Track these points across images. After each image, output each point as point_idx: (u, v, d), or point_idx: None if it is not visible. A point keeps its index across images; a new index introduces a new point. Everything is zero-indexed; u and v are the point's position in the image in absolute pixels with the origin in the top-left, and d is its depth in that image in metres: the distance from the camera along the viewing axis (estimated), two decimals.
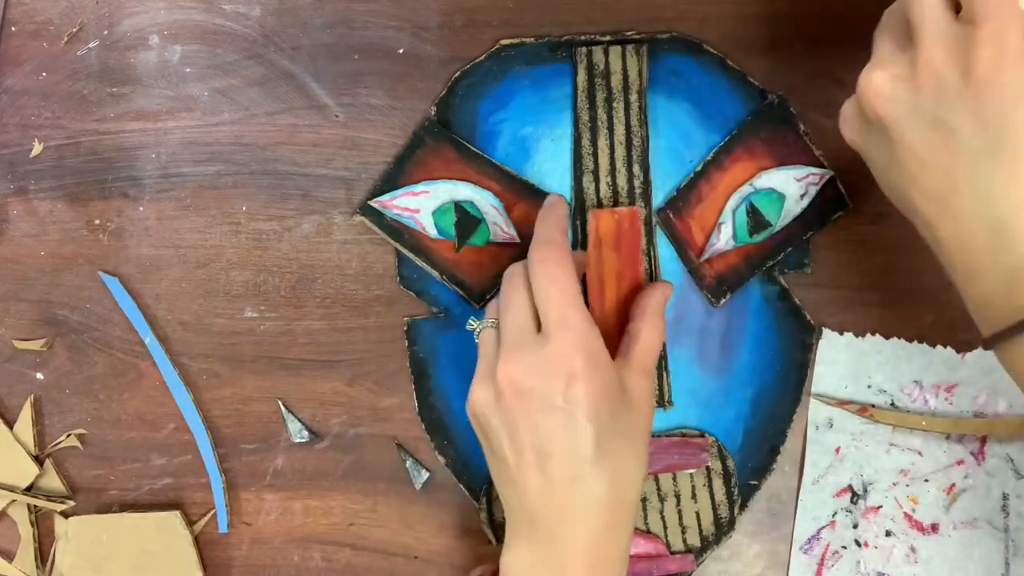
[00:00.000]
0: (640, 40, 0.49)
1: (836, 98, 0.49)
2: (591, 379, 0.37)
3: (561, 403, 0.37)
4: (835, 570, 0.49)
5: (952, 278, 0.38)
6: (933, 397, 0.49)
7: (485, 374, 0.40)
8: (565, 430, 0.38)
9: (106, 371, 0.51)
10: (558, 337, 0.38)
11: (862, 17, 0.50)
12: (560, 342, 0.38)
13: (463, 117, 0.50)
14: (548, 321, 0.38)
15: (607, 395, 0.38)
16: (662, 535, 0.49)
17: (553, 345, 0.38)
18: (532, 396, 0.38)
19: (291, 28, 0.51)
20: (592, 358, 0.38)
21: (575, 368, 0.37)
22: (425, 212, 0.49)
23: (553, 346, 0.38)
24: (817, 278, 0.50)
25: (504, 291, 0.41)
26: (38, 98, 0.51)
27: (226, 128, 0.51)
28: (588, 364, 0.37)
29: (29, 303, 0.51)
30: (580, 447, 0.38)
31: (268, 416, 0.51)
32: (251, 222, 0.51)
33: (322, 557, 0.51)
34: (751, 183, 0.48)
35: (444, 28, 0.50)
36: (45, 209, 0.51)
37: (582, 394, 0.37)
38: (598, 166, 0.49)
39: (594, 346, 0.38)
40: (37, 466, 0.51)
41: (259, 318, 0.51)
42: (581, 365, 0.37)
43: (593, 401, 0.37)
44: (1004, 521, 0.49)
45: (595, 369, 0.38)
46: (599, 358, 0.38)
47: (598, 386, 0.38)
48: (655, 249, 0.49)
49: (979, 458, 0.49)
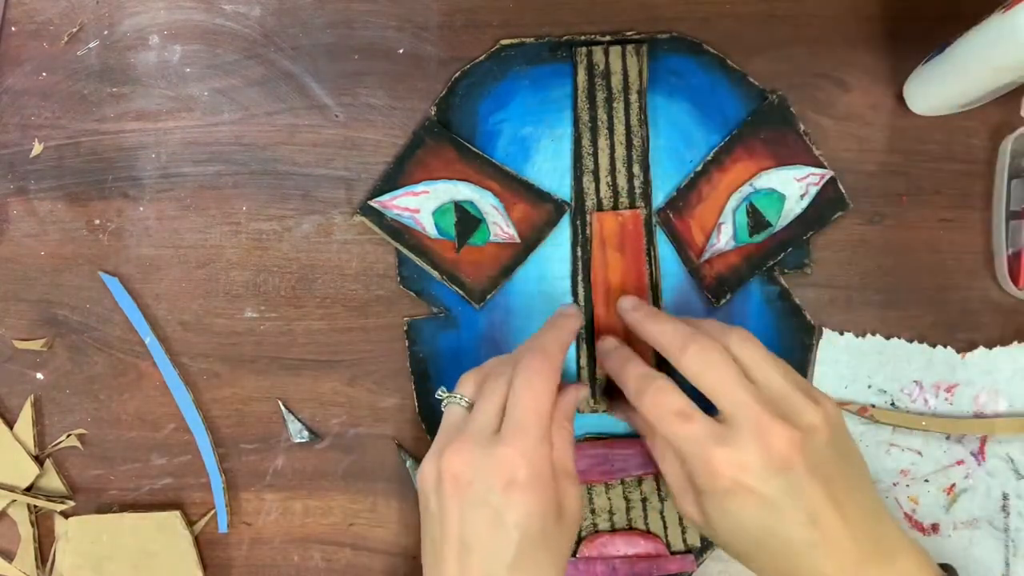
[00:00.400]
0: (640, 40, 0.49)
1: (836, 98, 0.50)
2: (528, 491, 0.38)
3: (495, 504, 0.38)
4: None
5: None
6: (933, 397, 0.49)
7: (436, 446, 0.41)
8: (491, 530, 0.38)
9: (106, 371, 0.51)
10: (510, 442, 0.38)
11: (862, 17, 0.50)
12: (510, 447, 0.38)
13: (463, 117, 0.50)
14: (508, 423, 0.39)
15: (540, 510, 0.38)
16: (662, 535, 0.49)
17: (503, 448, 0.38)
18: (469, 489, 0.38)
19: (291, 28, 0.51)
20: (536, 472, 0.38)
21: (517, 476, 0.38)
22: (425, 212, 0.49)
23: (503, 449, 0.38)
24: (817, 278, 0.50)
25: (488, 381, 0.41)
26: (38, 98, 0.51)
27: (226, 128, 0.51)
28: (530, 476, 0.38)
29: (29, 303, 0.51)
30: (501, 550, 0.38)
31: (268, 416, 0.51)
32: (251, 222, 0.51)
33: (322, 557, 0.51)
34: (751, 183, 0.48)
35: (444, 28, 0.50)
36: (45, 209, 0.51)
37: (516, 502, 0.38)
38: (598, 166, 0.49)
39: (542, 462, 0.38)
40: (37, 466, 0.51)
41: (259, 318, 0.51)
42: (524, 475, 0.38)
43: (526, 513, 0.38)
44: (1004, 521, 0.49)
45: (536, 482, 0.38)
46: (542, 474, 0.38)
47: (533, 500, 0.38)
48: (655, 249, 0.49)
49: (979, 458, 0.49)
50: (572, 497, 0.40)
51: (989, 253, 0.50)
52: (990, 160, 0.50)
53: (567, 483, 0.40)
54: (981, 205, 0.50)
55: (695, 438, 0.38)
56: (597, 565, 0.48)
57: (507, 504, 0.38)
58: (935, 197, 0.50)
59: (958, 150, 0.50)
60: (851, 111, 0.50)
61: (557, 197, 0.49)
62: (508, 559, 0.38)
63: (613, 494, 0.49)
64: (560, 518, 0.39)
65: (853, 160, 0.50)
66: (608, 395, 0.48)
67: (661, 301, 0.48)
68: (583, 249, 0.49)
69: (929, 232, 0.50)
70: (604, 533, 0.49)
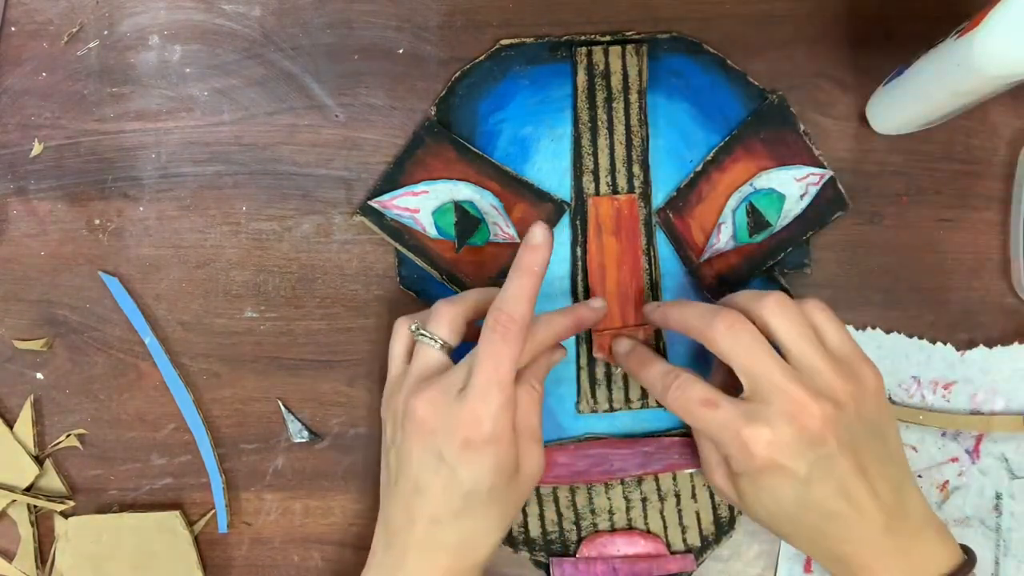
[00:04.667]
0: (640, 40, 0.49)
1: (836, 98, 0.50)
2: (482, 452, 0.39)
3: (449, 459, 0.39)
4: None
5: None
6: (931, 393, 0.49)
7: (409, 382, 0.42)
8: (443, 480, 0.40)
9: (106, 371, 0.51)
10: (472, 406, 0.39)
11: (862, 17, 0.50)
12: (472, 410, 0.39)
13: (463, 117, 0.50)
14: (472, 385, 0.39)
15: (493, 469, 0.40)
16: (662, 535, 0.49)
17: (466, 409, 0.39)
18: (431, 437, 0.40)
19: (291, 28, 0.51)
20: (493, 435, 0.39)
21: (473, 437, 0.39)
22: (425, 212, 0.49)
23: (466, 410, 0.39)
24: (817, 278, 0.50)
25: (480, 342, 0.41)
26: (38, 98, 0.51)
27: (226, 128, 0.51)
28: (486, 439, 0.39)
29: (29, 303, 0.51)
30: (450, 498, 0.40)
31: (268, 416, 0.51)
32: (251, 222, 0.51)
33: (322, 557, 0.51)
34: (751, 183, 0.48)
35: (444, 28, 0.50)
36: (45, 209, 0.51)
37: (469, 460, 0.39)
38: (598, 166, 0.49)
39: (499, 426, 0.39)
40: (37, 466, 0.51)
41: (259, 318, 0.51)
42: (480, 437, 0.39)
43: (478, 470, 0.39)
44: (996, 520, 0.49)
45: (490, 445, 0.39)
46: (500, 437, 0.39)
47: (486, 461, 0.39)
48: (655, 249, 0.49)
49: (974, 456, 0.49)
50: (532, 456, 0.41)
51: (989, 253, 0.50)
52: (990, 160, 0.50)
53: (529, 443, 0.41)
54: (981, 205, 0.50)
55: (724, 423, 0.39)
56: (597, 565, 0.48)
57: (460, 461, 0.39)
58: (935, 197, 0.50)
59: (958, 150, 0.50)
60: (851, 111, 0.50)
61: (557, 197, 0.49)
62: (455, 507, 0.40)
63: (613, 494, 0.49)
64: (514, 477, 0.41)
65: (853, 160, 0.50)
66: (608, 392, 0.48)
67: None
68: (583, 249, 0.49)
69: (929, 232, 0.50)
70: (604, 533, 0.49)
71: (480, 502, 0.40)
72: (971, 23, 0.39)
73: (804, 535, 0.41)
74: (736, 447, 0.39)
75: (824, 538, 0.40)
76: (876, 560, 0.40)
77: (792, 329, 0.40)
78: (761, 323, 0.40)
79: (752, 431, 0.39)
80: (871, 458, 0.40)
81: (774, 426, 0.38)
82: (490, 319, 0.39)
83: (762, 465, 0.39)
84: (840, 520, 0.39)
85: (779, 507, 0.40)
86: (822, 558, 0.42)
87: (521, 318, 0.39)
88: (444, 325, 0.42)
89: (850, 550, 0.40)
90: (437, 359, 0.42)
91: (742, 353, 0.40)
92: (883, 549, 0.40)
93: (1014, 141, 0.50)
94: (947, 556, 0.40)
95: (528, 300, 0.39)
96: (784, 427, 0.38)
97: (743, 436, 0.39)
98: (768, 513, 0.41)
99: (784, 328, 0.40)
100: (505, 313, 0.39)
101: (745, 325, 0.40)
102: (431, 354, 0.42)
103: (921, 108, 0.45)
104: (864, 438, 0.40)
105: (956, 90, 0.42)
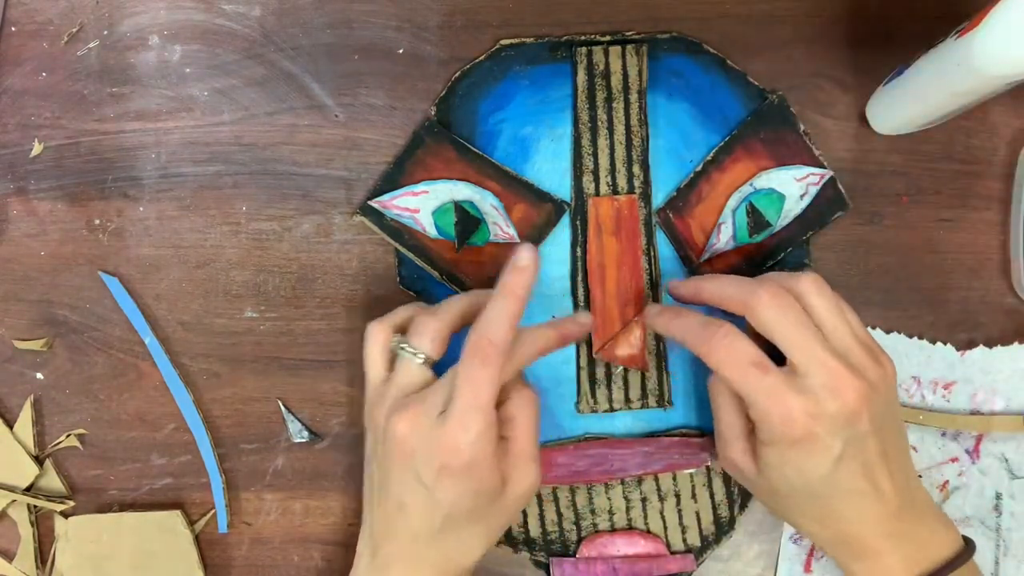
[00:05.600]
0: (640, 40, 0.49)
1: (836, 98, 0.50)
2: (459, 478, 0.39)
3: (427, 481, 0.39)
4: (824, 561, 0.49)
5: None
6: (931, 393, 0.49)
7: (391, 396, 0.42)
8: (422, 500, 0.40)
9: (106, 371, 0.51)
10: (452, 432, 0.38)
11: (862, 18, 0.50)
12: (452, 436, 0.38)
13: (463, 117, 0.50)
14: (451, 411, 0.39)
15: (471, 493, 0.39)
16: (662, 535, 0.49)
17: (446, 435, 0.39)
18: (411, 458, 0.40)
19: (291, 28, 0.51)
20: (471, 462, 0.39)
21: (451, 463, 0.39)
22: (425, 212, 0.49)
23: (446, 435, 0.39)
24: None
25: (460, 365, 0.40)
26: (38, 98, 0.51)
27: (226, 128, 0.51)
28: (463, 466, 0.39)
29: (29, 303, 0.51)
30: (430, 518, 0.40)
31: (268, 416, 0.51)
32: (251, 222, 0.51)
33: (322, 557, 0.51)
34: (751, 183, 0.48)
35: (444, 28, 0.50)
36: (45, 209, 0.51)
37: (446, 486, 0.39)
38: (598, 166, 0.49)
39: (478, 452, 0.39)
40: (37, 466, 0.51)
41: (259, 318, 0.51)
42: (458, 464, 0.39)
43: (456, 495, 0.39)
44: (996, 521, 0.49)
45: (468, 471, 0.39)
46: (479, 463, 0.39)
47: (463, 486, 0.39)
48: (655, 249, 0.49)
49: (974, 456, 0.49)
50: (524, 476, 0.41)
51: (989, 253, 0.50)
52: (990, 160, 0.50)
53: (521, 463, 0.41)
54: (981, 205, 0.50)
55: (770, 389, 0.39)
56: (597, 565, 0.48)
57: (437, 486, 0.39)
58: (935, 197, 0.50)
59: (958, 150, 0.50)
60: (851, 111, 0.50)
61: (557, 197, 0.49)
62: (435, 527, 0.40)
63: (613, 494, 0.49)
64: (496, 498, 0.41)
65: (853, 160, 0.50)
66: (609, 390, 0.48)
67: (661, 301, 0.48)
68: (582, 249, 0.49)
69: (929, 232, 0.50)
70: (604, 533, 0.49)
71: (460, 523, 0.40)
72: (971, 23, 0.39)
73: (816, 514, 0.42)
74: (778, 414, 0.39)
75: (836, 518, 0.41)
76: (883, 542, 0.41)
77: (830, 308, 0.41)
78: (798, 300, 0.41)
79: (798, 401, 0.39)
80: (891, 442, 0.41)
81: (819, 398, 0.39)
82: (470, 343, 0.39)
83: (800, 435, 0.39)
84: (859, 499, 0.40)
85: (803, 481, 0.40)
86: (827, 540, 0.42)
87: (502, 342, 0.39)
88: (427, 339, 0.42)
89: (860, 531, 0.41)
90: (420, 374, 0.42)
91: (789, 325, 0.40)
92: (891, 532, 0.41)
93: (1014, 141, 0.50)
94: (949, 542, 0.42)
95: (509, 323, 0.39)
96: (828, 401, 0.39)
97: (788, 403, 0.39)
98: (789, 487, 0.41)
99: (823, 306, 0.40)
100: (485, 338, 0.39)
101: (789, 298, 0.40)
102: (414, 369, 0.42)
103: (921, 108, 0.45)
104: (888, 422, 0.41)
105: (956, 90, 0.42)
